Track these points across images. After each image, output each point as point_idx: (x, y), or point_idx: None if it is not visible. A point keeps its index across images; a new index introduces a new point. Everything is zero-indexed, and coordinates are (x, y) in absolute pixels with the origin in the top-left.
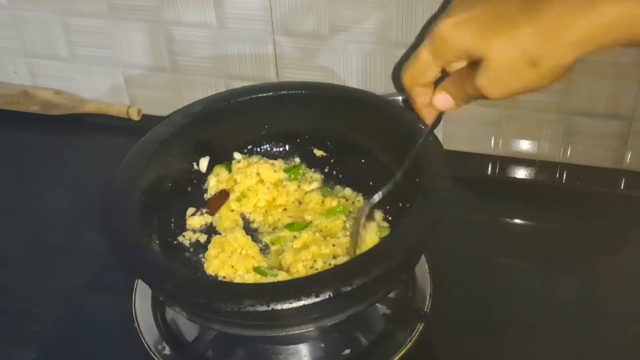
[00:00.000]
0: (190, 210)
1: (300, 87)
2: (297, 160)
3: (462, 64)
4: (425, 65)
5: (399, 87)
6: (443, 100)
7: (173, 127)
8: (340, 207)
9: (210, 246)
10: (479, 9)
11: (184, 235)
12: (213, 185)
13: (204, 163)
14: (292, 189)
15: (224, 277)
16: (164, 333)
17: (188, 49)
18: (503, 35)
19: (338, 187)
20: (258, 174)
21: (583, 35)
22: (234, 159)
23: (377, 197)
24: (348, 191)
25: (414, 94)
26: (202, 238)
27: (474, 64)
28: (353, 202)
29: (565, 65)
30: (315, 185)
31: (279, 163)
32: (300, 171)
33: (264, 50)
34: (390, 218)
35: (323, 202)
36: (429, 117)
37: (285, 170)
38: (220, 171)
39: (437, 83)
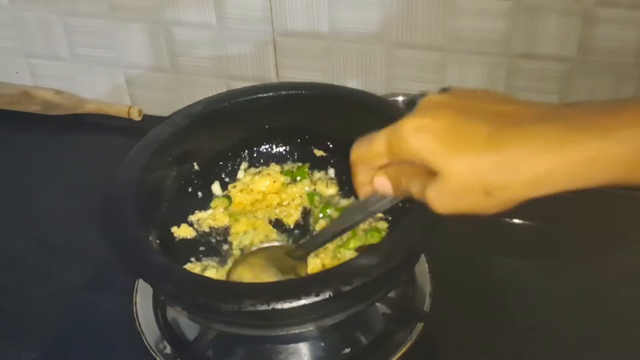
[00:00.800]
0: None
1: (300, 87)
2: (296, 162)
3: (413, 165)
4: (377, 154)
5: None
6: (383, 184)
7: (174, 127)
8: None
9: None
10: (447, 120)
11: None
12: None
13: (216, 188)
14: (296, 191)
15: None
16: (164, 332)
17: (188, 49)
18: (464, 157)
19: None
20: (259, 191)
21: (541, 175)
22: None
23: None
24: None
25: (356, 171)
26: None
27: (423, 170)
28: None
29: (519, 201)
30: (332, 191)
31: (274, 168)
32: (306, 170)
33: (264, 50)
34: (390, 218)
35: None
36: (363, 195)
37: (288, 173)
38: (220, 203)
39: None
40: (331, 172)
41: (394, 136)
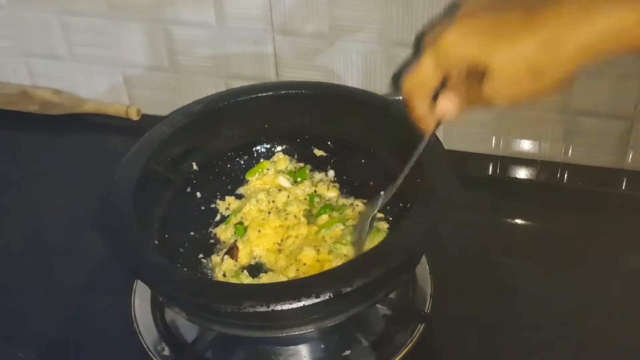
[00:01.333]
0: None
1: (300, 87)
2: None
3: (462, 74)
4: (428, 74)
5: (399, 91)
6: (447, 106)
7: (172, 126)
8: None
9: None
10: (482, 18)
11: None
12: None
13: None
14: (300, 193)
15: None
16: (163, 334)
17: (188, 48)
18: (505, 46)
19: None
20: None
21: (583, 45)
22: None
23: (380, 202)
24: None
25: (414, 103)
26: None
27: (476, 73)
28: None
29: (568, 75)
30: (333, 193)
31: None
32: (307, 171)
33: (264, 49)
34: (390, 218)
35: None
36: (428, 126)
37: (290, 173)
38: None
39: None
40: (331, 173)
41: (440, 51)
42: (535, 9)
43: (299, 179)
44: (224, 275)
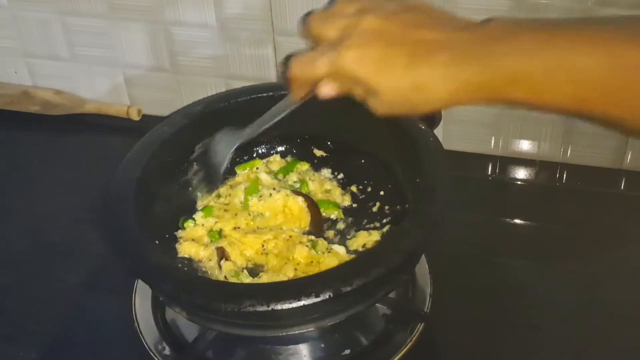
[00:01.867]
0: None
1: None
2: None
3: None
4: (319, 76)
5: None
6: (328, 90)
7: (173, 127)
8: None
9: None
10: (379, 51)
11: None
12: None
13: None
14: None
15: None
16: (164, 333)
17: (188, 49)
18: (391, 80)
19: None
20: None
21: (448, 93)
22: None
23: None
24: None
25: (294, 85)
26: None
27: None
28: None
29: (438, 110)
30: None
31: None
32: (298, 165)
33: (264, 50)
34: (390, 218)
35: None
36: (296, 98)
37: (281, 170)
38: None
39: None
40: (326, 172)
41: (337, 65)
42: (419, 56)
43: (288, 174)
44: (225, 277)
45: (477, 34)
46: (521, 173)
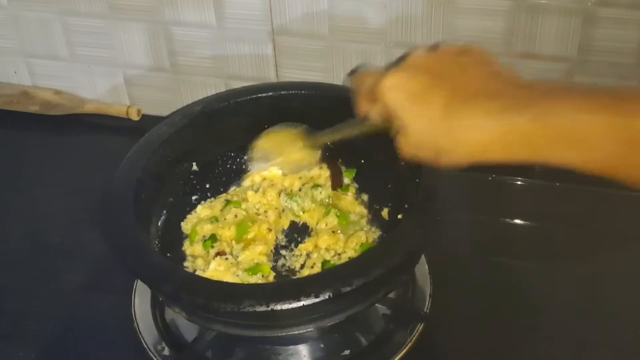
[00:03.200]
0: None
1: (300, 87)
2: None
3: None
4: (367, 93)
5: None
6: (375, 117)
7: (173, 127)
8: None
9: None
10: (419, 85)
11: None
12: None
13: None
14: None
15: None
16: (163, 333)
17: (188, 49)
18: (423, 121)
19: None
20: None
21: (479, 146)
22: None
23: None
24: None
25: (357, 98)
26: None
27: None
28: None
29: (463, 164)
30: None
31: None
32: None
33: (264, 50)
34: (388, 219)
35: None
36: (362, 116)
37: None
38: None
39: None
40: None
41: (377, 85)
42: (457, 103)
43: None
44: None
45: (528, 89)
46: (521, 173)
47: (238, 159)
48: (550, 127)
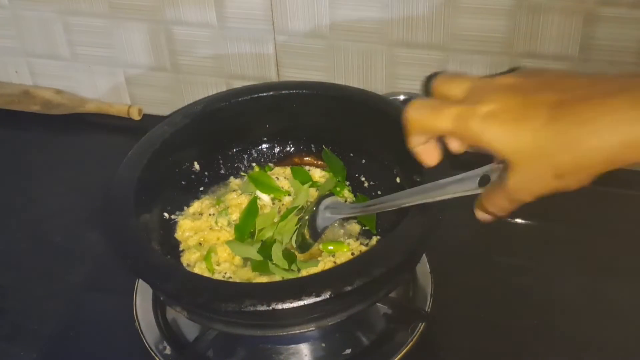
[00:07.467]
0: None
1: (301, 87)
2: None
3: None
4: (441, 130)
5: (427, 93)
6: (457, 146)
7: (174, 126)
8: None
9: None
10: (513, 103)
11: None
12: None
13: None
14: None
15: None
16: (164, 333)
17: (189, 48)
18: (530, 141)
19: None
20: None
21: (609, 153)
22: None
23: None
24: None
25: (412, 134)
26: None
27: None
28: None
29: (592, 178)
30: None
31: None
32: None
33: (265, 49)
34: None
35: None
36: (419, 155)
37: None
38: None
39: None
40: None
41: (462, 123)
42: (566, 108)
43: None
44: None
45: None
46: None
47: (238, 159)
48: None
